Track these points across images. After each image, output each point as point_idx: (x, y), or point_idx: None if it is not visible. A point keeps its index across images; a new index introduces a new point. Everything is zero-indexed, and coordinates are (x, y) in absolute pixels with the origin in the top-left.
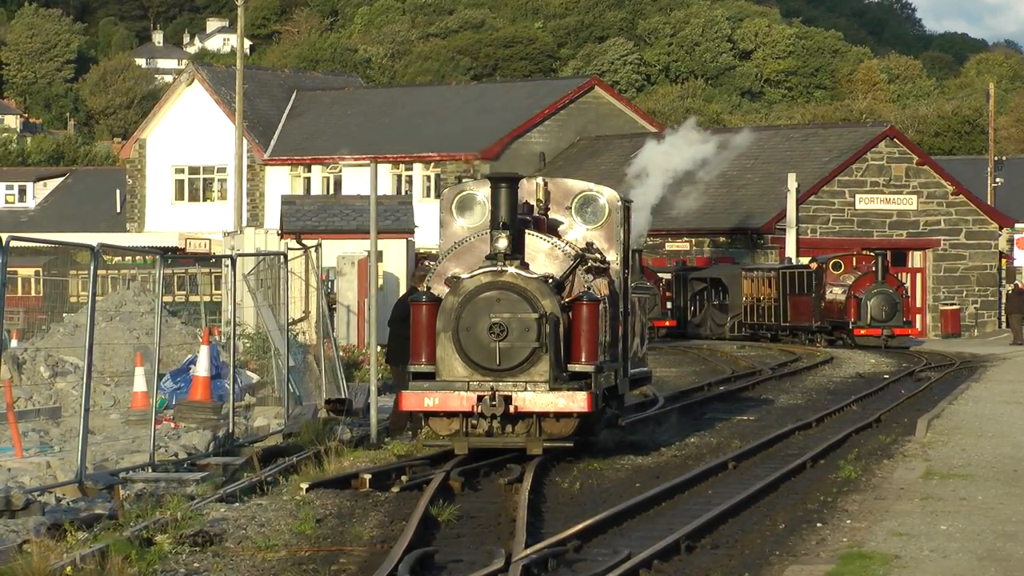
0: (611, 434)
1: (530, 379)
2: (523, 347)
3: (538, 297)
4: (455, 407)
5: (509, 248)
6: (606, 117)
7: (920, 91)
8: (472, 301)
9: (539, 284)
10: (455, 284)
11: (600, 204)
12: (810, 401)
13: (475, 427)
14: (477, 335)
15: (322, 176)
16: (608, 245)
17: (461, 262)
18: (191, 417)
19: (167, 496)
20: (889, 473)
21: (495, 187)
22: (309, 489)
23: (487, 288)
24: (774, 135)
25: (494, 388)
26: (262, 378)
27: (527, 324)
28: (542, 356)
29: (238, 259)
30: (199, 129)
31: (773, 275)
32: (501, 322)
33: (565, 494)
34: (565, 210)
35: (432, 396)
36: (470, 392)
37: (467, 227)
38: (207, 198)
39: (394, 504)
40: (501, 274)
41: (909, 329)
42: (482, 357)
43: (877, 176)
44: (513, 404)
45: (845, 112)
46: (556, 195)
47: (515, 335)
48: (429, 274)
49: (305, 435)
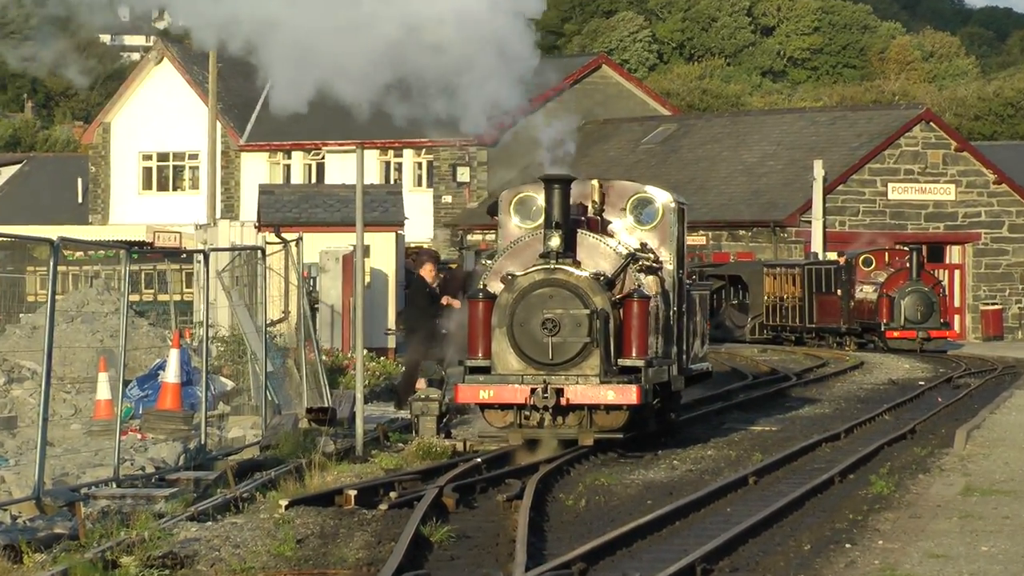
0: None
1: (581, 373)
2: (575, 342)
3: (589, 294)
4: (509, 399)
5: (562, 247)
6: (615, 99)
7: (958, 70)
8: (526, 298)
9: (590, 281)
10: (510, 281)
11: (655, 206)
12: (838, 410)
13: (528, 419)
14: (531, 330)
15: (303, 163)
16: (662, 245)
17: (516, 261)
18: (159, 427)
19: (133, 514)
20: (925, 489)
21: (548, 188)
22: (289, 506)
23: (540, 285)
24: (798, 119)
25: (547, 381)
26: (237, 385)
27: (579, 320)
28: (593, 350)
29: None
30: (169, 112)
31: (797, 272)
32: (554, 318)
33: (569, 512)
34: (620, 211)
35: (487, 389)
36: (524, 385)
37: (523, 227)
38: (177, 188)
39: (382, 523)
40: (554, 272)
41: (947, 331)
42: (535, 351)
43: (911, 163)
44: (565, 396)
45: (876, 93)
46: (611, 196)
47: (567, 330)
48: (487, 266)
49: (284, 447)
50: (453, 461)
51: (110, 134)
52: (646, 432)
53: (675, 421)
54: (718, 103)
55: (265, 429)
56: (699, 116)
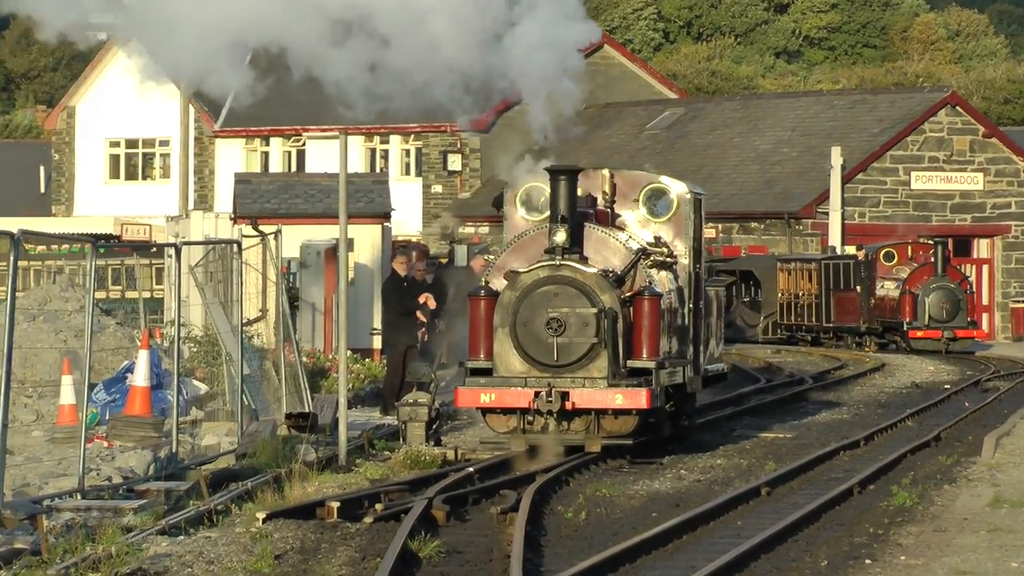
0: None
1: (588, 375)
2: (581, 342)
3: (597, 291)
4: (511, 403)
5: (567, 241)
6: (617, 81)
7: (987, 50)
8: (529, 296)
9: (598, 278)
10: (513, 278)
11: (669, 197)
12: (857, 415)
13: (531, 424)
14: (534, 330)
15: (282, 150)
16: (677, 239)
17: (520, 256)
18: (128, 435)
19: (99, 528)
20: (951, 500)
21: (554, 179)
22: (267, 519)
23: (545, 282)
24: (815, 103)
25: (551, 384)
26: (211, 388)
27: (585, 319)
28: (600, 352)
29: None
30: (138, 96)
31: (814, 267)
32: (559, 317)
33: (568, 525)
34: (632, 202)
35: (488, 392)
36: (527, 388)
37: (529, 220)
38: (147, 176)
39: (367, 537)
40: (559, 268)
41: (974, 331)
42: (540, 353)
43: (936, 150)
44: (570, 400)
45: (898, 75)
46: (623, 187)
47: (573, 330)
48: (493, 259)
49: (262, 456)
50: (443, 471)
51: (75, 119)
52: (660, 437)
53: (690, 426)
54: (728, 86)
55: (241, 436)
56: (708, 100)
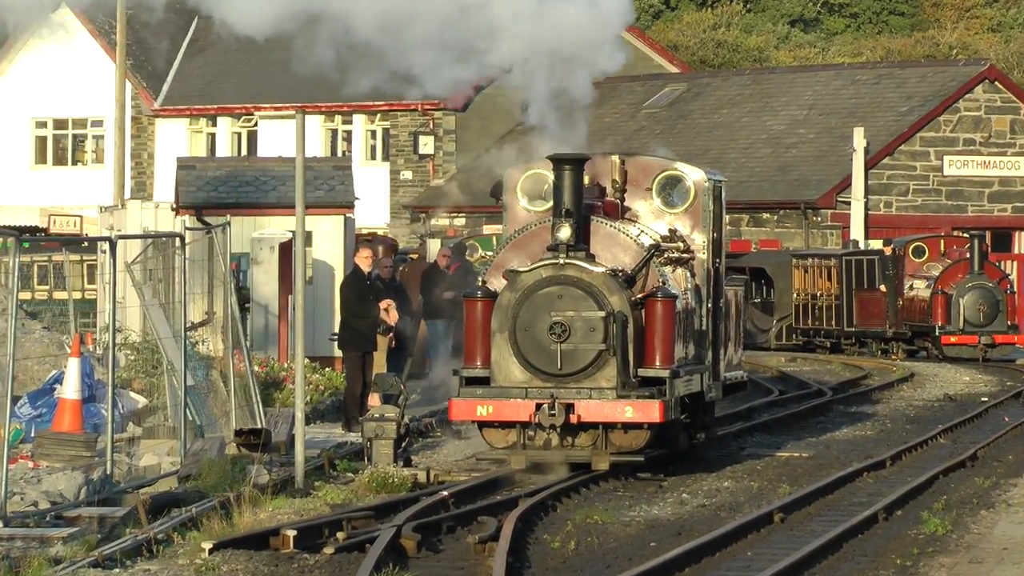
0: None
1: (595, 385)
2: (588, 349)
3: (605, 293)
4: (511, 416)
5: (572, 238)
6: None
7: None
8: (531, 298)
9: (606, 278)
10: (512, 278)
11: (685, 185)
12: (883, 432)
13: (532, 439)
14: (536, 336)
15: (231, 131)
16: (694, 231)
17: (522, 252)
18: (56, 453)
19: (24, 559)
20: (988, 528)
21: (557, 169)
22: (213, 550)
23: (547, 283)
24: (835, 78)
25: (554, 395)
26: (151, 401)
27: (592, 323)
28: (609, 359)
29: (119, 242)
30: (68, 70)
31: (834, 264)
32: (563, 321)
33: (555, 556)
34: (645, 191)
35: (485, 404)
36: (528, 399)
37: (533, 210)
38: (78, 161)
39: (327, 570)
40: (563, 267)
41: (1015, 336)
42: (542, 360)
43: (972, 132)
44: (575, 413)
45: (929, 47)
46: (634, 175)
47: (579, 336)
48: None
49: (208, 478)
50: (414, 494)
51: None
52: (676, 452)
53: (709, 438)
54: (737, 58)
55: (184, 456)
56: (714, 74)
